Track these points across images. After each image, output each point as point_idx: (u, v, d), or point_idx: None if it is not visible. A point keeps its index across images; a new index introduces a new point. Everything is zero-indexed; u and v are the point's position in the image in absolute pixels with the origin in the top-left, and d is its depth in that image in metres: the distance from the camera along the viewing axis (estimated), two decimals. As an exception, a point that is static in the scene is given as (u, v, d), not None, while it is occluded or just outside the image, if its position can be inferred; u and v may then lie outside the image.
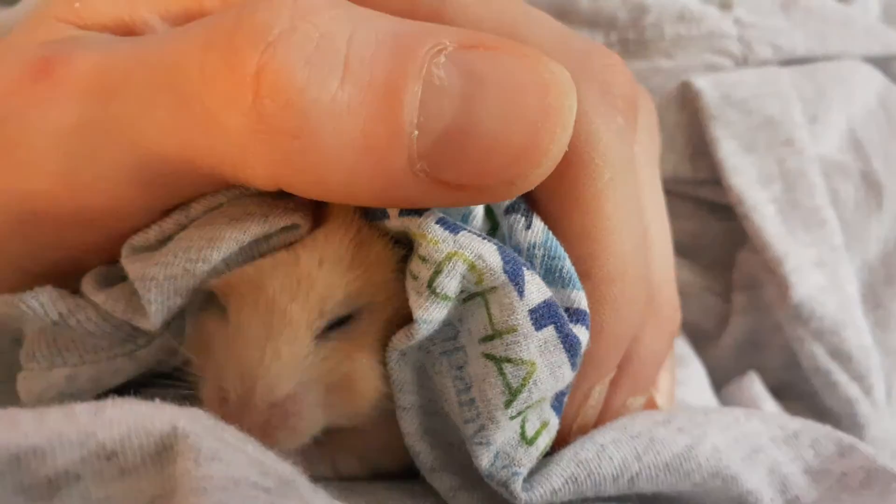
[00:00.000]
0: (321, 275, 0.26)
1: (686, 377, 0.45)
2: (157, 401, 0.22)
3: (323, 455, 0.29)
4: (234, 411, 0.26)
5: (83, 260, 0.27)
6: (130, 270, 0.26)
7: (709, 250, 0.50)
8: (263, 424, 0.26)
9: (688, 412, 0.31)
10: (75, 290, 0.27)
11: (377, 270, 0.27)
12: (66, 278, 0.27)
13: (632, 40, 0.51)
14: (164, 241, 0.26)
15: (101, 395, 0.28)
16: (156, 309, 0.25)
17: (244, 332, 0.26)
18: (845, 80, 0.52)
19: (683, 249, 0.48)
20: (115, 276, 0.27)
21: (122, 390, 0.28)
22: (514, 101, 0.23)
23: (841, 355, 0.46)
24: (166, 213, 0.26)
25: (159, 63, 0.24)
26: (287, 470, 0.22)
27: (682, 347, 0.47)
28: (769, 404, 0.46)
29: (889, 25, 0.59)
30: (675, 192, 0.49)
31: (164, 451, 0.21)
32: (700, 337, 0.50)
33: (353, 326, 0.27)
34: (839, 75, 0.52)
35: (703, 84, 0.49)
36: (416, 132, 0.23)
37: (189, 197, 0.26)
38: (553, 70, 0.23)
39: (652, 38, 0.51)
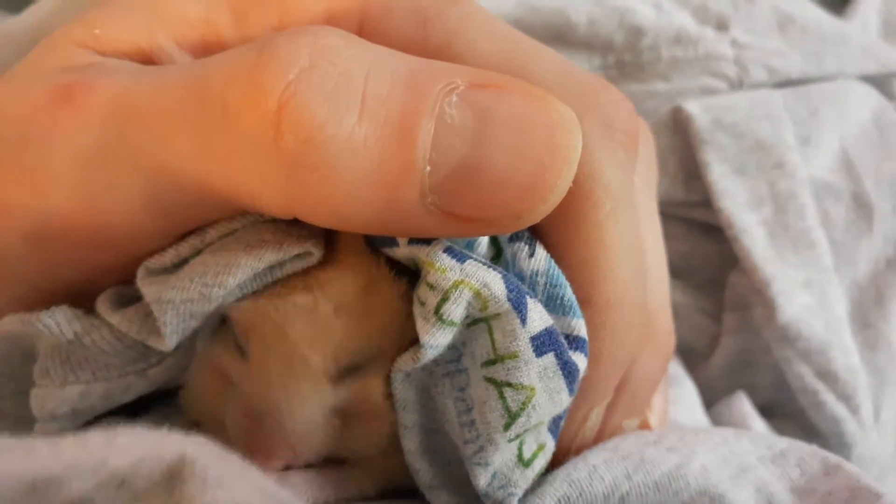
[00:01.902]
0: (337, 325, 0.27)
1: (677, 396, 0.45)
2: (167, 428, 0.23)
3: (336, 475, 0.29)
4: (254, 443, 0.27)
5: (98, 280, 0.28)
6: (146, 293, 0.26)
7: (701, 271, 0.51)
8: (282, 457, 0.27)
9: (677, 432, 0.32)
10: (89, 309, 0.28)
11: (387, 315, 0.28)
12: (81, 297, 0.28)
13: (628, 63, 0.51)
14: (179, 265, 0.27)
15: (112, 411, 0.29)
16: (171, 331, 0.26)
17: (266, 375, 0.27)
18: (839, 100, 0.53)
19: (676, 270, 0.48)
20: (129, 297, 0.28)
21: (132, 406, 0.29)
22: (523, 139, 0.24)
23: (828, 375, 0.47)
24: (182, 236, 0.27)
25: (181, 94, 0.25)
26: (287, 497, 0.23)
27: (674, 367, 0.48)
28: (758, 423, 0.47)
29: (889, 39, 0.59)
30: (668, 214, 0.49)
31: (173, 477, 0.21)
32: (691, 356, 0.50)
33: (365, 370, 0.28)
34: (833, 95, 0.53)
35: (695, 108, 0.49)
36: (429, 168, 0.23)
37: (205, 222, 0.27)
38: (560, 110, 0.24)
39: (649, 61, 0.51)
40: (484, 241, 0.28)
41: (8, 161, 0.26)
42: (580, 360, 0.27)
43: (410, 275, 0.28)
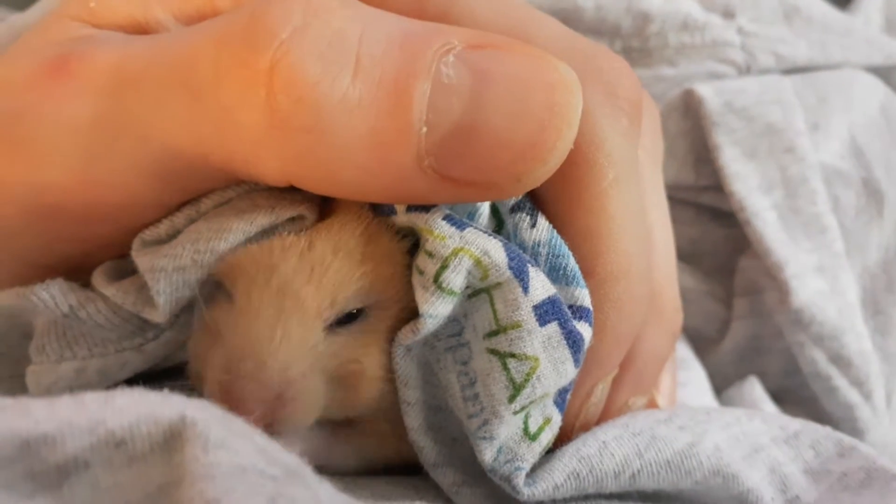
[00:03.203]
0: (335, 263, 0.26)
1: (687, 380, 0.45)
2: (166, 390, 0.22)
3: (342, 443, 0.29)
4: (242, 386, 0.25)
5: (94, 254, 0.28)
6: (140, 263, 0.26)
7: (710, 256, 0.51)
8: (271, 402, 0.26)
9: (689, 411, 0.31)
10: (85, 284, 0.27)
11: (387, 265, 0.27)
12: (77, 272, 0.27)
13: (635, 48, 0.51)
14: (174, 236, 0.26)
15: (109, 388, 0.28)
16: (164, 300, 0.25)
17: (254, 310, 0.26)
18: (847, 88, 0.53)
19: (685, 255, 0.48)
20: (125, 270, 0.27)
21: (129, 384, 0.29)
22: (521, 99, 0.23)
23: (841, 361, 0.46)
24: (178, 207, 0.27)
25: (174, 59, 0.24)
26: (292, 460, 0.23)
27: (683, 351, 0.47)
28: (769, 408, 0.46)
29: (891, 35, 0.59)
30: (677, 199, 0.49)
31: (173, 439, 0.21)
32: (701, 342, 0.50)
33: (361, 322, 0.27)
34: (841, 83, 0.53)
35: (706, 91, 0.49)
36: (425, 129, 0.23)
37: (200, 192, 0.27)
38: (559, 69, 0.24)
39: (656, 47, 0.51)
40: (485, 212, 0.27)
41: (3, 134, 0.26)
42: (585, 330, 0.27)
43: (414, 242, 0.27)
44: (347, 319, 0.27)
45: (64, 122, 0.25)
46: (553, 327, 0.26)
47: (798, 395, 0.49)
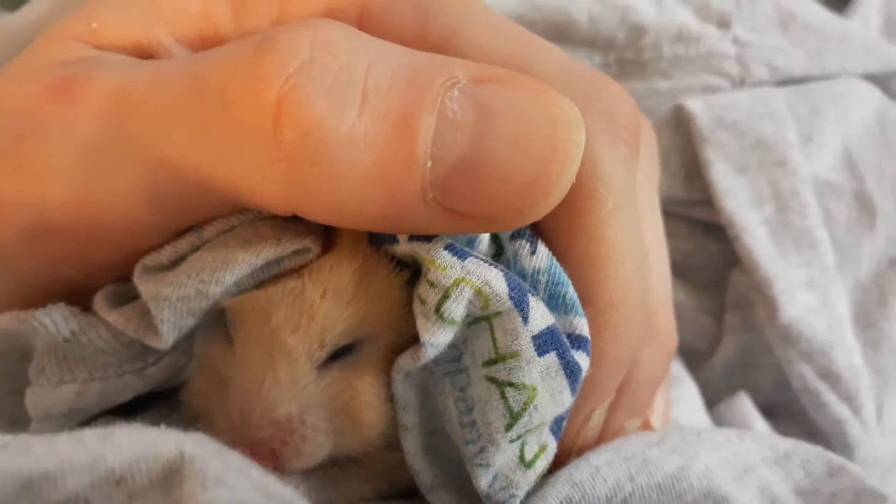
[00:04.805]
0: (323, 306, 0.26)
1: (679, 396, 0.45)
2: (164, 426, 0.22)
3: (331, 479, 0.29)
4: (237, 433, 0.26)
5: (96, 277, 0.28)
6: (143, 290, 0.26)
7: (702, 270, 0.51)
8: (266, 441, 0.26)
9: (681, 432, 0.32)
10: (86, 307, 0.27)
11: (379, 301, 0.27)
12: (78, 295, 0.27)
13: (630, 61, 0.51)
14: (176, 262, 0.26)
15: (109, 411, 0.28)
16: (168, 329, 0.25)
17: (248, 363, 0.27)
18: (841, 98, 0.53)
19: (677, 269, 0.48)
20: (126, 295, 0.27)
21: (130, 405, 0.29)
22: (525, 134, 0.24)
23: (830, 376, 0.46)
24: (180, 233, 0.27)
25: (180, 87, 0.24)
26: (289, 493, 0.23)
27: (676, 367, 0.47)
28: (760, 424, 0.46)
29: (891, 38, 0.59)
30: (669, 213, 0.48)
31: (171, 476, 0.21)
32: (693, 356, 0.50)
33: (354, 356, 0.27)
34: (835, 93, 0.52)
35: (696, 107, 0.49)
36: (430, 163, 0.23)
37: (203, 219, 0.27)
38: (562, 105, 0.24)
39: (650, 59, 0.51)
40: (485, 239, 0.27)
41: (5, 154, 0.26)
42: (582, 360, 0.27)
43: (413, 272, 0.27)
44: (341, 353, 0.27)
45: (66, 144, 0.25)
46: (551, 357, 0.26)
47: (789, 410, 0.49)
